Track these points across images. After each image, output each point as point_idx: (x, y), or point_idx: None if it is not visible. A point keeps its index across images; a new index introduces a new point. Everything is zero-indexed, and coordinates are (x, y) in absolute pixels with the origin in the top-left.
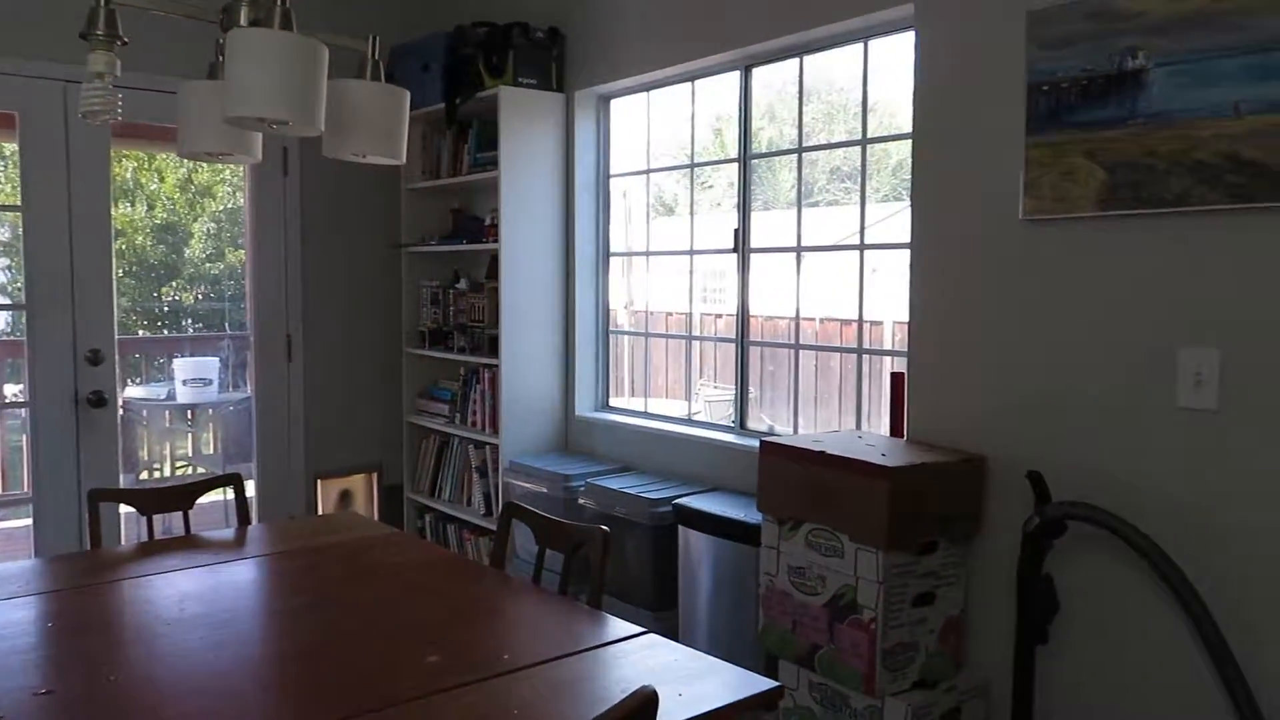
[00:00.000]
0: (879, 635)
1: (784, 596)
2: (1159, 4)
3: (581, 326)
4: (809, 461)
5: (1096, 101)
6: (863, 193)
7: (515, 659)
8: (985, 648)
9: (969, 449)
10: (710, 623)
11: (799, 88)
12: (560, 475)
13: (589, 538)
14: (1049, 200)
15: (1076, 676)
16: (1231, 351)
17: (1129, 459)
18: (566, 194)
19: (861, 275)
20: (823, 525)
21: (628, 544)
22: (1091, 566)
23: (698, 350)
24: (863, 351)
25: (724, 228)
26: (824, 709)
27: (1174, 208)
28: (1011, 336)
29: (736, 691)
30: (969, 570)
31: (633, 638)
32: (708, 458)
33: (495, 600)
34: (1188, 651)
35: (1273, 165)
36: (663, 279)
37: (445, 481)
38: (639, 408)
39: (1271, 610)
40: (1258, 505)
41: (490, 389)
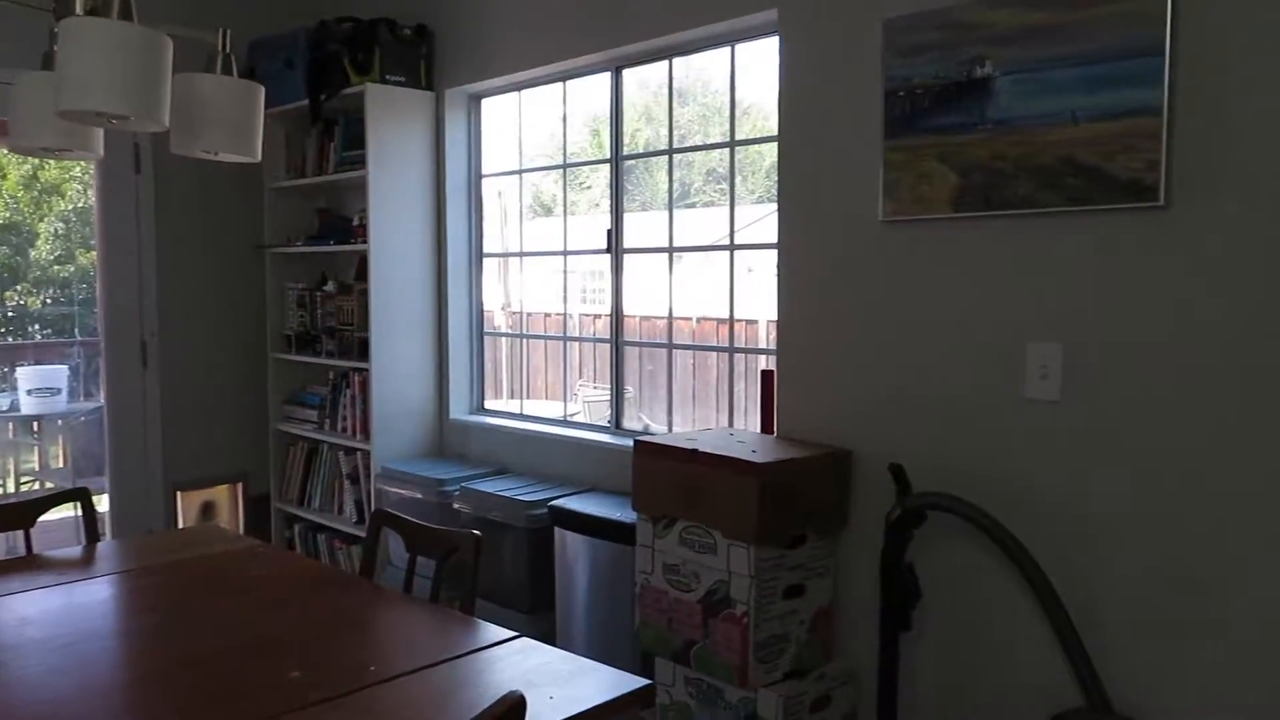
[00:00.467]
0: (751, 628)
1: (659, 594)
2: (1003, 16)
3: (455, 328)
4: (682, 460)
5: (948, 108)
6: (731, 194)
7: (382, 670)
8: (854, 636)
9: (836, 444)
10: (588, 623)
11: (669, 90)
12: (434, 480)
13: (461, 543)
14: (906, 202)
15: (938, 660)
16: (1072, 345)
17: (983, 449)
18: (437, 194)
19: (732, 275)
20: (696, 522)
21: (504, 547)
22: (951, 554)
23: (577, 351)
24: (734, 350)
25: (601, 228)
26: (699, 704)
27: (1020, 210)
28: (874, 334)
29: (608, 691)
30: (837, 561)
31: (505, 642)
32: (584, 459)
33: (363, 611)
34: (1039, 632)
35: (1107, 169)
36: (542, 280)
37: (315, 490)
38: (516, 410)
39: (1112, 588)
40: (1099, 488)
41: (361, 393)
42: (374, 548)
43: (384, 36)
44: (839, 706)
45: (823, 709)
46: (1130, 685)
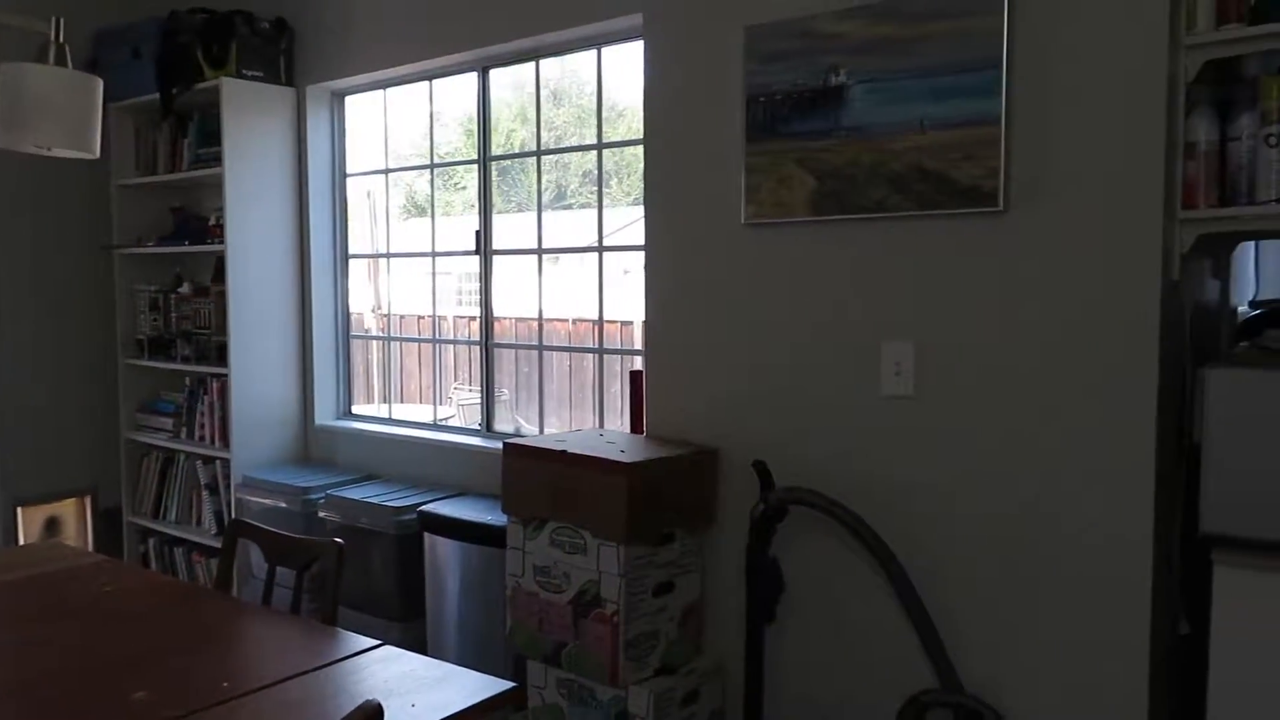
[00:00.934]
0: (621, 627)
1: (530, 596)
2: (856, 27)
3: (320, 331)
4: (551, 461)
5: (807, 114)
6: (600, 196)
7: (236, 685)
8: (722, 630)
9: (703, 442)
10: (459, 629)
11: (536, 91)
12: (298, 488)
13: (322, 551)
14: (767, 205)
15: (801, 649)
16: (923, 344)
17: (843, 445)
18: (299, 193)
19: (601, 276)
20: (566, 523)
21: (372, 555)
22: (813, 546)
23: (451, 354)
24: (603, 351)
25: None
26: (571, 704)
27: (873, 214)
28: (738, 334)
29: (473, 696)
30: (705, 558)
31: (367, 651)
32: (455, 462)
33: (217, 626)
34: (895, 619)
35: (951, 175)
36: (417, 282)
37: (171, 501)
38: (386, 415)
39: (962, 575)
40: (949, 480)
41: (220, 400)
42: (230, 560)
43: (240, 29)
44: (708, 700)
45: (692, 703)
46: (979, 665)
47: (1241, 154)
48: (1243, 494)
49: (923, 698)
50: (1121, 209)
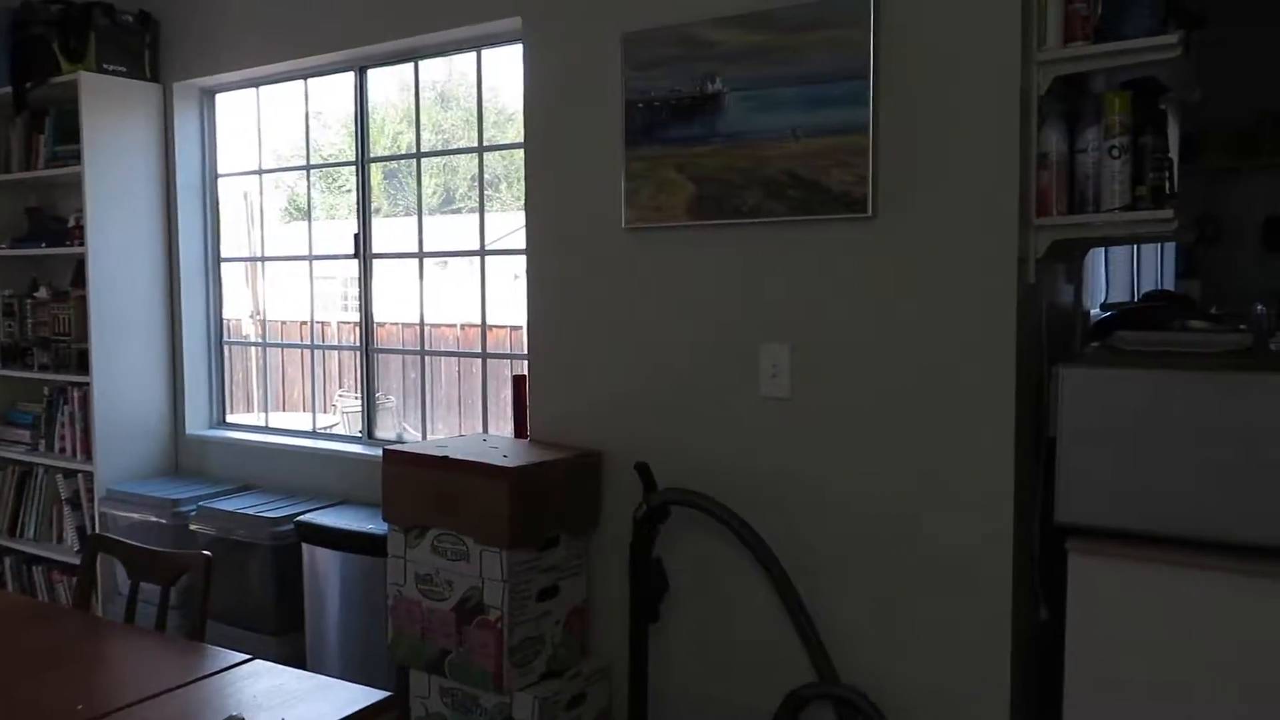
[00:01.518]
0: (506, 632)
1: (412, 605)
2: (731, 35)
3: (190, 337)
4: (432, 467)
5: (684, 120)
6: (480, 199)
7: (92, 707)
8: (607, 632)
9: (586, 445)
10: (340, 642)
11: (415, 92)
12: (168, 500)
13: (189, 565)
14: (647, 210)
15: (686, 648)
16: (799, 345)
17: (723, 445)
18: (167, 193)
19: (483, 280)
20: (448, 530)
21: (248, 568)
22: (696, 546)
23: (335, 361)
24: (487, 356)
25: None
26: (455, 713)
27: (750, 219)
28: (620, 337)
29: (346, 707)
30: (590, 560)
31: (235, 666)
32: (334, 471)
33: (74, 646)
34: (776, 616)
35: (822, 182)
36: (298, 287)
37: (29, 518)
38: (263, 423)
39: (838, 569)
40: (824, 478)
41: (81, 410)
42: (91, 577)
43: (100, 22)
44: (594, 702)
45: (579, 706)
46: (856, 657)
47: (1088, 165)
48: (1094, 486)
49: (802, 691)
50: (981, 216)
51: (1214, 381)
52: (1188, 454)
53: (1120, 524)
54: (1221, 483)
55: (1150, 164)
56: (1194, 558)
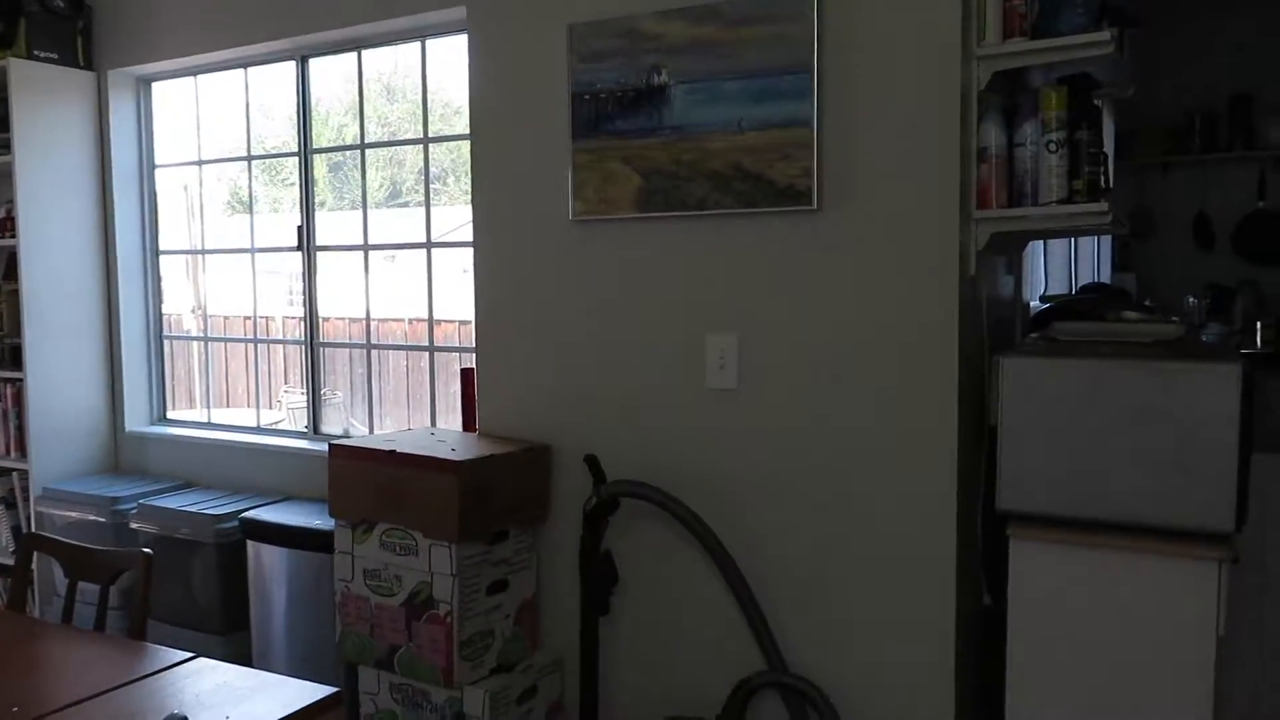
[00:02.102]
0: (455, 627)
1: (360, 601)
2: (677, 28)
3: (129, 332)
4: (379, 461)
5: (630, 112)
6: (426, 191)
7: (28, 709)
8: (558, 625)
9: (535, 439)
10: (288, 639)
11: (359, 82)
12: (107, 498)
13: (129, 563)
14: (594, 202)
15: (636, 639)
16: (746, 337)
17: (671, 437)
18: (103, 184)
19: (430, 273)
20: (396, 525)
21: (191, 567)
22: (645, 538)
23: (281, 356)
24: (434, 349)
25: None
26: (405, 709)
27: (696, 211)
28: (568, 331)
29: (290, 704)
30: (540, 554)
31: (177, 665)
32: (279, 468)
33: (8, 648)
34: (725, 606)
35: (768, 175)
36: (242, 281)
37: None
38: (206, 419)
39: (785, 558)
40: (771, 468)
41: (15, 406)
42: (25, 577)
43: (30, 7)
44: (545, 695)
45: (530, 699)
46: (803, 645)
47: (1026, 159)
48: (1034, 473)
49: (752, 680)
50: (923, 208)
51: (1147, 370)
52: (1123, 441)
53: (1059, 510)
54: (1155, 469)
55: (1086, 159)
56: (1130, 541)
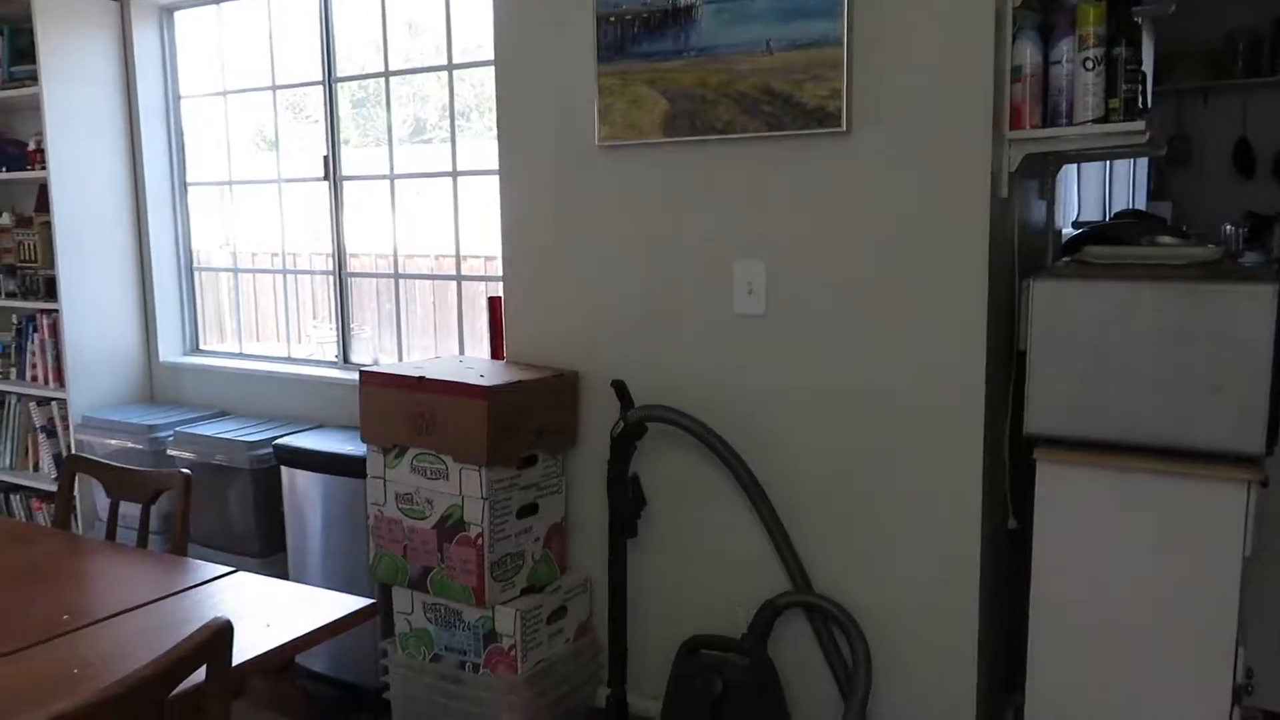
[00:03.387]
0: (486, 549)
1: (393, 524)
2: None
3: (160, 264)
4: (409, 388)
5: (656, 34)
6: (451, 120)
7: (78, 618)
8: (586, 548)
9: (563, 365)
10: (323, 562)
11: (382, 11)
12: (144, 426)
13: (168, 483)
14: (620, 127)
15: (663, 562)
16: (774, 262)
17: (698, 363)
18: (130, 115)
19: (456, 201)
20: (427, 449)
21: (228, 492)
22: (672, 463)
23: (310, 292)
24: (461, 279)
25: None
26: (439, 627)
27: (724, 135)
28: (595, 257)
29: (328, 615)
30: (568, 479)
31: (219, 578)
32: (311, 396)
33: (56, 562)
34: (751, 528)
35: (796, 96)
36: (270, 216)
37: (4, 446)
38: (236, 350)
39: (813, 481)
40: (799, 392)
41: (52, 337)
42: (68, 498)
43: None
44: (575, 615)
45: (559, 619)
46: (829, 567)
47: (1062, 77)
48: (1062, 396)
49: (777, 600)
50: (955, 129)
51: (1180, 291)
52: (1153, 364)
53: (1087, 433)
54: (1185, 391)
55: (1123, 76)
56: (1158, 464)
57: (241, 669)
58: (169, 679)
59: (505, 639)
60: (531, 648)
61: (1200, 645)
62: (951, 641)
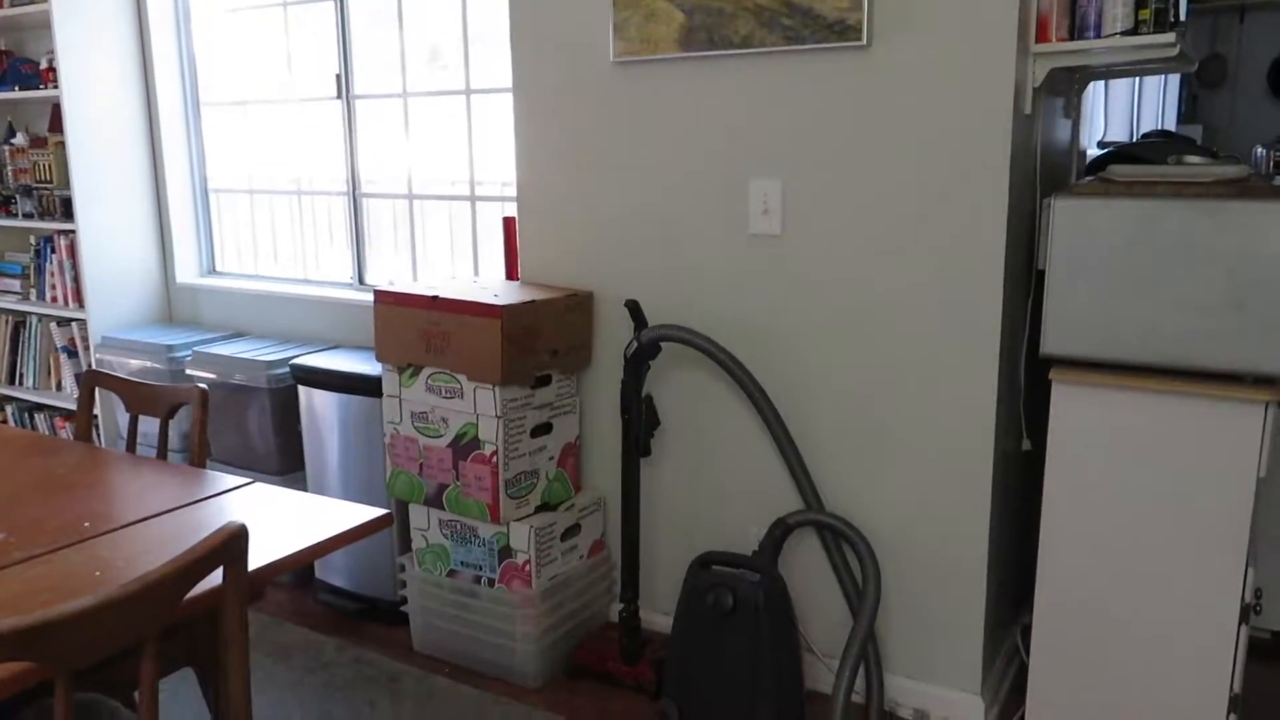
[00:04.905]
0: (500, 467)
1: (409, 442)
2: None
3: (175, 184)
4: (424, 307)
5: None
6: (465, 38)
7: (99, 525)
8: (600, 467)
9: (578, 286)
10: (341, 479)
11: None
12: (163, 346)
13: (186, 398)
14: (636, 42)
15: (676, 481)
16: (790, 181)
17: (712, 283)
18: (140, 33)
19: (470, 120)
20: (441, 368)
21: (246, 411)
22: (686, 383)
23: (325, 215)
24: (475, 199)
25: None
26: (455, 543)
27: (741, 49)
28: (609, 176)
29: (344, 523)
30: (582, 398)
31: (237, 489)
32: (326, 317)
33: (78, 471)
34: (763, 448)
35: (816, 9)
36: (284, 138)
37: (26, 367)
38: (252, 271)
39: (826, 401)
40: (814, 312)
41: (70, 258)
42: (89, 411)
43: None
44: (589, 533)
45: (573, 536)
46: (842, 487)
47: None
48: (1081, 317)
49: (788, 519)
50: (977, 43)
51: (1204, 209)
52: (1175, 283)
53: (1104, 354)
54: (1206, 311)
55: None
56: (1175, 384)
57: (260, 573)
58: (186, 578)
59: (520, 554)
60: (545, 563)
61: (1210, 564)
62: (962, 561)
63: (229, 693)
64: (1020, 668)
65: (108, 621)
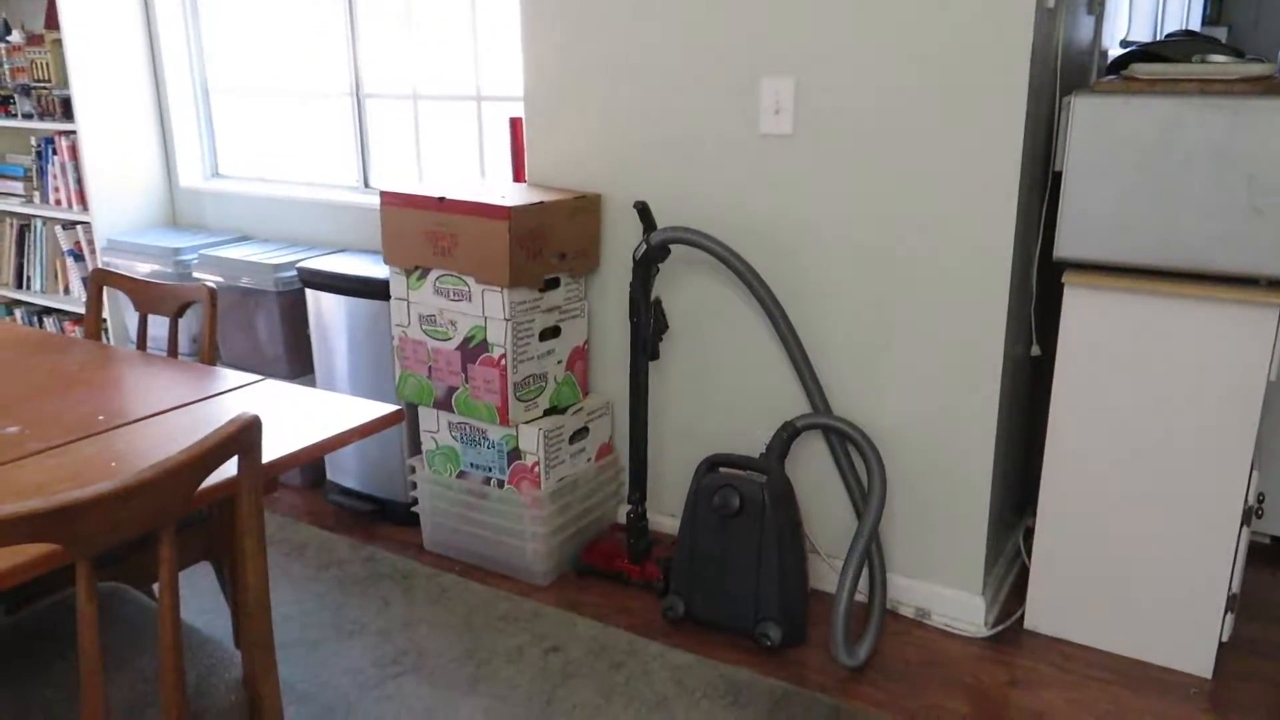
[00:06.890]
0: (509, 369)
1: (417, 345)
2: None
3: (176, 86)
4: (431, 208)
5: None
6: None
7: (112, 419)
8: (608, 372)
9: (585, 188)
10: (350, 383)
11: None
12: (170, 249)
13: (195, 296)
14: None
15: (684, 385)
16: (803, 79)
17: (722, 185)
18: None
19: (474, 24)
20: (449, 271)
21: (255, 313)
22: (695, 286)
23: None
24: (481, 99)
25: None
26: (465, 445)
27: None
28: (617, 76)
29: (356, 419)
30: (591, 302)
31: (249, 385)
32: (333, 219)
33: (89, 369)
34: (771, 352)
35: None
36: (286, 45)
37: (33, 270)
38: (255, 175)
39: (836, 304)
40: (825, 214)
41: (72, 160)
42: (97, 310)
43: None
44: (597, 436)
45: (581, 439)
46: (850, 391)
47: None
48: (1097, 219)
49: (796, 422)
50: None
51: (1226, 108)
52: (1193, 185)
53: (1118, 258)
54: (1224, 214)
55: None
56: (1188, 288)
57: (273, 465)
58: (202, 465)
59: (529, 456)
60: (554, 465)
61: (1216, 466)
62: (967, 464)
63: (246, 582)
64: (1021, 570)
65: (127, 506)
